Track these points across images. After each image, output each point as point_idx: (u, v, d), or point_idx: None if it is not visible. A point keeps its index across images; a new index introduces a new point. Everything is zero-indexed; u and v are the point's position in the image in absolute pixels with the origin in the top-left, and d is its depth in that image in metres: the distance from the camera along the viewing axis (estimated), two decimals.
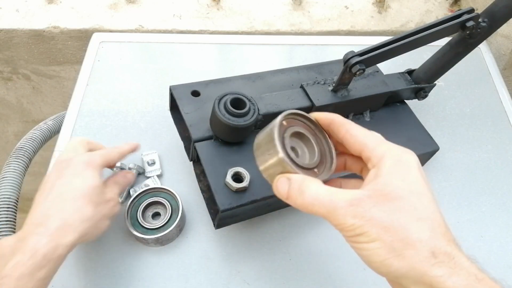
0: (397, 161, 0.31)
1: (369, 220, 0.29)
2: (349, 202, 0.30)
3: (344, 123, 0.35)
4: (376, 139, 0.34)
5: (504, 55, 0.76)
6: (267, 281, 0.50)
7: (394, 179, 0.30)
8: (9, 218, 0.54)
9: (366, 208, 0.29)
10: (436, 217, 0.30)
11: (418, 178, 0.31)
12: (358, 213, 0.29)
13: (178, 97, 0.51)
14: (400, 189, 0.30)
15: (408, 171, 0.31)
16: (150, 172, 0.56)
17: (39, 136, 0.64)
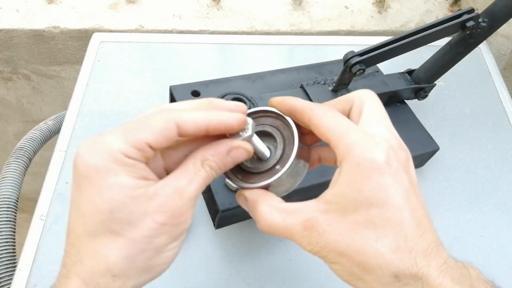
0: (358, 163, 0.26)
1: (324, 246, 0.27)
2: (303, 226, 0.27)
3: (304, 109, 0.29)
4: (341, 129, 0.28)
5: (504, 55, 0.76)
6: (267, 281, 0.50)
7: (352, 188, 0.26)
8: (9, 218, 0.54)
9: (320, 231, 0.27)
10: (402, 229, 0.25)
11: (380, 184, 0.25)
12: (313, 240, 0.27)
13: (178, 97, 0.51)
14: (357, 201, 0.26)
15: (369, 176, 0.25)
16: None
17: (39, 136, 0.64)
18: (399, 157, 0.27)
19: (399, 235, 0.25)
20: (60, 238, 0.51)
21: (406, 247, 0.25)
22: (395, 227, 0.25)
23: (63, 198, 0.54)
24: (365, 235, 0.25)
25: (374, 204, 0.26)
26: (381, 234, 0.25)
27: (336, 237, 0.26)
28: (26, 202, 0.85)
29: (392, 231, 0.25)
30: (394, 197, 0.26)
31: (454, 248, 0.55)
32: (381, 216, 0.25)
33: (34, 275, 0.48)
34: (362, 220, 0.26)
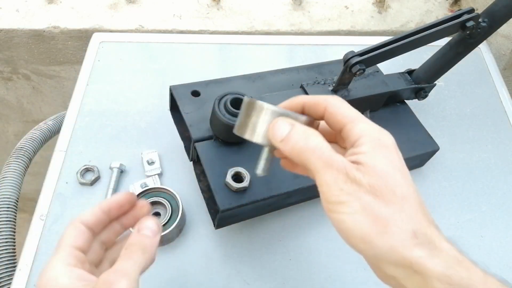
0: (377, 142, 0.30)
1: (357, 190, 0.28)
2: (345, 166, 0.29)
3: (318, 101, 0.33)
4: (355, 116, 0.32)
5: (504, 55, 0.76)
6: (267, 281, 0.50)
7: (378, 159, 0.29)
8: (9, 218, 0.54)
9: (357, 178, 0.28)
10: (418, 197, 0.29)
11: (398, 158, 0.30)
12: (350, 179, 0.28)
13: (178, 97, 0.51)
14: (385, 169, 0.29)
15: (389, 152, 0.30)
16: (150, 171, 0.56)
17: (39, 136, 0.64)
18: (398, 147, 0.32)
19: (417, 201, 0.29)
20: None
21: (421, 212, 0.29)
22: (413, 193, 0.29)
23: (63, 198, 0.54)
24: (393, 194, 0.28)
25: (398, 172, 0.29)
26: (405, 196, 0.28)
27: (370, 188, 0.28)
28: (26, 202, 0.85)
29: (411, 195, 0.29)
30: (406, 173, 0.30)
31: None
32: (404, 181, 0.29)
33: (34, 275, 0.48)
34: (389, 183, 0.28)
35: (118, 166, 0.55)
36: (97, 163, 0.56)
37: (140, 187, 0.54)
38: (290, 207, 0.54)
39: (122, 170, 0.56)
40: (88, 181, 0.54)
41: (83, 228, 0.33)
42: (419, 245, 0.27)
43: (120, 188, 0.55)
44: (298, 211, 0.54)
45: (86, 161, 0.57)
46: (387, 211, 0.28)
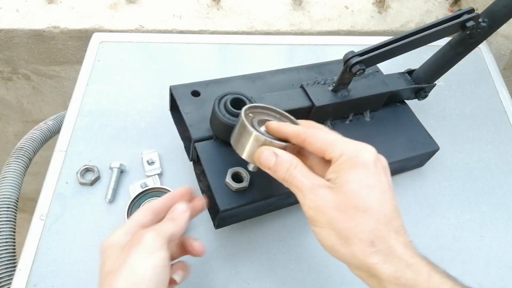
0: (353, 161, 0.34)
1: (324, 207, 0.34)
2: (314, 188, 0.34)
3: (298, 133, 0.37)
4: (333, 139, 0.36)
5: (504, 55, 0.76)
6: (267, 281, 0.50)
7: (348, 177, 0.34)
8: (9, 218, 0.54)
9: (321, 195, 0.34)
10: (383, 208, 0.33)
11: (369, 173, 0.34)
12: (319, 198, 0.34)
13: (178, 97, 0.51)
14: (352, 186, 0.33)
15: (363, 169, 0.34)
16: (150, 171, 0.56)
17: (39, 136, 0.64)
18: (382, 162, 0.36)
19: (380, 212, 0.33)
20: (60, 238, 0.51)
21: (384, 222, 0.33)
22: (378, 206, 0.33)
23: (63, 198, 0.54)
24: (355, 208, 0.33)
25: (365, 186, 0.33)
26: (367, 209, 0.33)
27: (330, 206, 0.33)
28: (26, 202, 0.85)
29: (375, 207, 0.33)
30: (378, 185, 0.34)
31: (454, 248, 0.55)
32: (369, 195, 0.33)
33: (34, 275, 0.48)
34: (354, 198, 0.33)
35: (118, 166, 0.55)
36: (97, 163, 0.56)
37: (140, 187, 0.54)
38: (290, 207, 0.54)
39: (122, 170, 0.56)
40: (88, 181, 0.54)
41: (149, 212, 0.39)
42: (376, 253, 0.32)
43: (120, 188, 0.55)
44: (298, 211, 0.54)
45: (86, 161, 0.57)
46: (349, 225, 0.33)
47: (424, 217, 0.55)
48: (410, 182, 0.58)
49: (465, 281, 0.33)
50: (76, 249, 0.50)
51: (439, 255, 0.53)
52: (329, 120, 0.54)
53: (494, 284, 0.51)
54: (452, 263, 0.52)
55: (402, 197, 0.57)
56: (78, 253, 0.50)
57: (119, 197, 0.55)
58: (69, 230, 0.52)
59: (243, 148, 0.39)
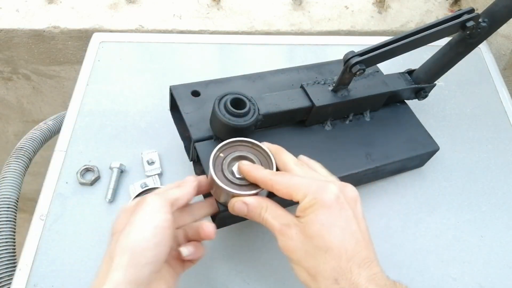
0: (314, 202, 0.36)
1: (289, 250, 0.37)
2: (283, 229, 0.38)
3: (265, 180, 0.40)
4: (296, 184, 0.38)
5: (504, 55, 0.76)
6: (267, 281, 0.50)
7: (310, 219, 0.36)
8: (9, 218, 0.54)
9: (289, 236, 0.37)
10: (344, 245, 0.35)
11: (330, 213, 0.36)
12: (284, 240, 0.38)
13: (178, 97, 0.51)
14: (314, 228, 0.36)
15: (324, 209, 0.36)
16: (150, 171, 0.56)
17: (39, 136, 0.64)
18: (346, 194, 0.38)
19: (342, 249, 0.35)
20: (60, 238, 0.51)
21: (345, 258, 0.34)
22: (339, 243, 0.35)
23: (63, 198, 0.54)
24: (318, 249, 0.35)
25: (325, 226, 0.35)
26: (328, 248, 0.35)
27: (298, 246, 0.37)
28: (26, 202, 0.85)
29: (337, 245, 0.35)
30: (339, 221, 0.36)
31: (454, 248, 0.55)
32: (329, 235, 0.35)
33: (34, 275, 0.48)
34: (316, 239, 0.35)
35: (118, 166, 0.55)
36: (97, 163, 0.56)
37: (140, 187, 0.54)
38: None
39: (122, 170, 0.56)
40: (88, 181, 0.54)
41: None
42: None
43: (120, 188, 0.55)
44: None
45: (86, 161, 0.57)
46: (313, 264, 0.35)
47: (424, 217, 0.55)
48: (410, 182, 0.58)
49: (465, 281, 0.33)
50: (76, 249, 0.50)
51: (439, 255, 0.53)
52: (329, 120, 0.54)
53: (494, 284, 0.51)
54: (452, 263, 0.52)
55: (402, 197, 0.57)
56: (78, 253, 0.50)
57: (119, 197, 0.55)
58: (69, 230, 0.52)
59: (218, 196, 0.43)
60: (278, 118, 0.50)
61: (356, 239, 0.36)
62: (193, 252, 0.41)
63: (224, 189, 0.40)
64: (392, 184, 0.58)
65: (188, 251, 0.40)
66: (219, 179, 0.40)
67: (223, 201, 0.43)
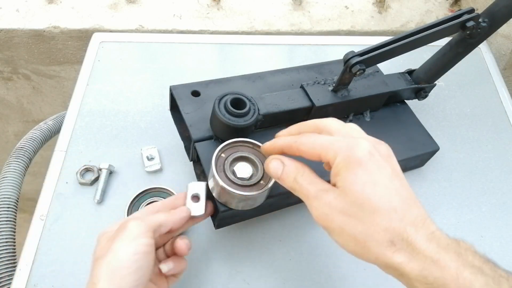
0: (347, 161, 0.33)
1: (332, 214, 0.33)
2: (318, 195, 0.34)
3: (290, 144, 0.37)
4: (325, 143, 0.35)
5: (504, 55, 0.76)
6: (267, 281, 0.50)
7: (347, 178, 0.32)
8: (9, 218, 0.54)
9: (327, 201, 0.33)
10: (392, 203, 0.31)
11: (367, 170, 0.32)
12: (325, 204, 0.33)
13: (178, 97, 0.51)
14: (352, 187, 0.32)
15: (358, 166, 0.32)
16: (149, 166, 0.56)
17: (39, 136, 0.64)
18: (380, 151, 0.34)
19: (391, 208, 0.31)
20: (60, 238, 0.51)
21: (397, 218, 0.31)
22: (386, 202, 0.31)
23: (63, 198, 0.54)
24: (363, 210, 0.31)
25: (368, 184, 0.32)
26: (375, 208, 0.31)
27: (338, 211, 0.32)
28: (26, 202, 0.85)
29: (384, 205, 0.31)
30: (381, 178, 0.32)
31: None
32: (374, 193, 0.31)
33: (34, 275, 0.48)
34: (359, 200, 0.32)
35: (107, 167, 0.55)
36: (97, 163, 0.56)
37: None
38: (290, 207, 0.54)
39: (111, 171, 0.56)
40: (88, 181, 0.54)
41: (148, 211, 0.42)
42: (398, 251, 0.30)
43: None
44: (298, 211, 0.54)
45: (86, 161, 0.57)
46: (361, 229, 0.31)
47: None
48: (410, 182, 0.57)
49: None
50: (76, 249, 0.50)
51: None
52: None
53: None
54: None
55: None
56: (78, 253, 0.50)
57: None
58: (69, 230, 0.52)
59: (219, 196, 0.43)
60: (278, 118, 0.50)
61: (402, 196, 0.32)
62: (172, 268, 0.40)
63: (226, 189, 0.40)
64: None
65: (168, 267, 0.40)
66: (221, 179, 0.40)
67: (225, 201, 0.43)
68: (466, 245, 0.31)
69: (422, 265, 0.29)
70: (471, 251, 0.30)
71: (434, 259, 0.29)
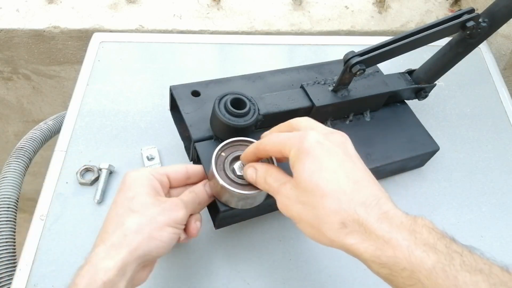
0: (298, 153, 0.35)
1: (291, 204, 0.35)
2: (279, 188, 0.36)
3: (256, 147, 0.39)
4: (281, 140, 0.37)
5: (504, 55, 0.76)
6: (267, 281, 0.50)
7: (298, 169, 0.34)
8: (9, 218, 0.54)
9: (288, 194, 0.35)
10: (341, 186, 0.32)
11: (315, 158, 0.34)
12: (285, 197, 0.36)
13: (178, 97, 0.51)
14: (303, 176, 0.34)
15: (307, 156, 0.34)
16: (149, 166, 0.55)
17: (39, 136, 0.64)
18: (332, 139, 0.35)
19: (339, 191, 0.32)
20: (60, 238, 0.51)
21: (346, 199, 0.32)
22: (335, 185, 0.32)
23: (63, 198, 0.54)
24: (314, 196, 0.33)
25: (315, 170, 0.33)
26: (325, 193, 0.32)
27: (294, 201, 0.35)
28: (26, 202, 0.85)
29: (332, 188, 0.32)
30: (329, 164, 0.33)
31: None
32: (323, 178, 0.33)
33: (34, 275, 0.48)
34: (309, 184, 0.33)
35: (107, 167, 0.55)
36: (97, 163, 0.56)
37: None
38: None
39: (111, 171, 0.56)
40: (88, 181, 0.54)
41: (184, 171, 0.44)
42: (350, 233, 0.31)
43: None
44: None
45: (86, 161, 0.57)
46: (314, 214, 0.33)
47: None
48: (410, 182, 0.58)
49: None
50: (76, 249, 0.50)
51: None
52: (329, 120, 0.54)
53: None
54: None
55: (402, 197, 0.57)
56: (78, 253, 0.50)
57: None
58: (69, 230, 0.52)
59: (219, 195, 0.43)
60: (278, 118, 0.50)
61: (353, 177, 0.33)
62: (185, 238, 0.43)
63: (227, 189, 0.40)
64: (392, 184, 0.58)
65: (183, 236, 0.42)
66: (221, 178, 0.41)
67: (225, 200, 0.43)
68: (424, 222, 0.31)
69: (375, 245, 0.30)
70: (428, 227, 0.30)
71: (386, 239, 0.29)
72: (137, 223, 0.37)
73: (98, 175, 0.55)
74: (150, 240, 0.37)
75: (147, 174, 0.41)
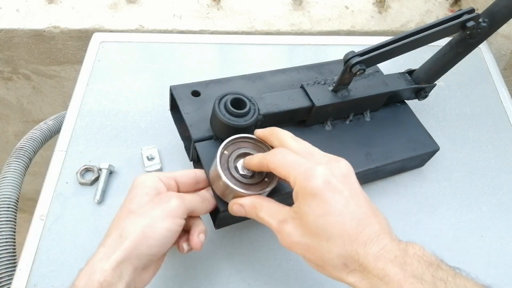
0: (304, 192, 0.35)
1: (291, 244, 0.37)
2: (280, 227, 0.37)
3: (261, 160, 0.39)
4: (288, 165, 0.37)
5: (504, 55, 0.76)
6: (267, 281, 0.50)
7: (303, 208, 0.35)
8: (9, 218, 0.54)
9: (288, 231, 0.36)
10: (345, 229, 0.34)
11: (321, 201, 0.34)
12: (283, 237, 0.37)
13: (178, 97, 0.51)
14: (308, 218, 0.35)
15: (312, 196, 0.35)
16: (149, 166, 0.56)
17: (39, 136, 0.64)
18: (337, 172, 0.36)
19: (344, 234, 0.34)
20: (60, 238, 0.51)
21: (349, 241, 0.33)
22: (340, 228, 0.34)
23: (63, 198, 0.54)
24: (318, 239, 0.34)
25: (321, 214, 0.34)
26: (330, 236, 0.34)
27: (298, 240, 0.36)
28: (26, 202, 0.85)
29: (337, 232, 0.34)
30: (335, 207, 0.34)
31: (454, 248, 0.55)
32: (327, 222, 0.34)
33: (34, 275, 0.48)
34: (314, 229, 0.35)
35: (107, 167, 0.55)
36: (97, 163, 0.56)
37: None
38: None
39: (111, 171, 0.56)
40: (88, 181, 0.54)
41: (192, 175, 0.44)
42: (351, 272, 0.34)
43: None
44: None
45: (86, 161, 0.57)
46: (318, 255, 0.35)
47: (424, 217, 0.55)
48: (410, 182, 0.58)
49: None
50: (76, 249, 0.50)
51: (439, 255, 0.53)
52: (329, 120, 0.54)
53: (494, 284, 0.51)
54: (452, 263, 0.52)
55: (402, 197, 0.57)
56: (78, 253, 0.50)
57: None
58: (69, 230, 0.52)
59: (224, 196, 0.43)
60: (278, 118, 0.50)
61: (357, 218, 0.34)
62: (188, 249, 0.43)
63: (232, 189, 0.40)
64: (392, 184, 0.58)
65: (187, 248, 0.42)
66: (227, 179, 0.40)
67: (227, 199, 0.43)
68: (414, 250, 0.33)
69: (371, 282, 0.32)
70: (417, 256, 0.32)
71: (381, 276, 0.32)
72: (132, 222, 0.37)
73: (98, 175, 0.55)
74: (143, 238, 0.37)
75: (153, 177, 0.41)
